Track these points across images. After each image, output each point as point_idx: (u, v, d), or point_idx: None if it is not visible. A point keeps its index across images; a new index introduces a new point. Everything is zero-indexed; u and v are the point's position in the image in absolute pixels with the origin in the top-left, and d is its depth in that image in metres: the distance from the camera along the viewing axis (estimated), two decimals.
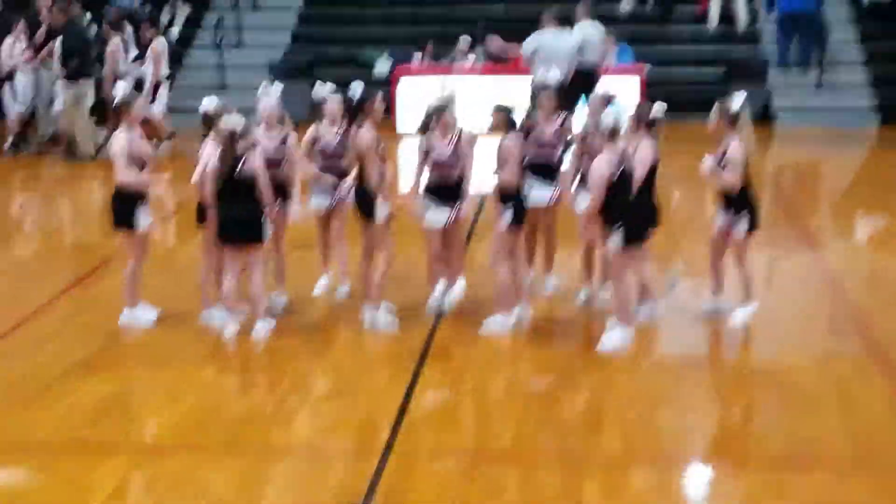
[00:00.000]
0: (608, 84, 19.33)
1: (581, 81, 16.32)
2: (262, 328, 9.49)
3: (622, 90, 19.07)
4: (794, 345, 9.41)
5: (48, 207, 15.78)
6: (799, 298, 10.70)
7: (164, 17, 22.91)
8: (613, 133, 9.02)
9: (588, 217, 9.45)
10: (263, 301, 9.59)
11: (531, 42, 17.08)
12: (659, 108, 9.60)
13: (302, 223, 10.27)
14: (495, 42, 19.69)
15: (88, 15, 20.40)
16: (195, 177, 9.55)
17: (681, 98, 19.59)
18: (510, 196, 9.43)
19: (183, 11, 23.06)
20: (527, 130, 10.00)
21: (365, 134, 9.40)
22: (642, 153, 9.35)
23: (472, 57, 20.35)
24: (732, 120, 9.46)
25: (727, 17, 22.20)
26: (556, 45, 16.85)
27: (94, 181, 16.86)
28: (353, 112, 9.62)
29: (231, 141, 9.18)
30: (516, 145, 9.42)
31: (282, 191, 9.82)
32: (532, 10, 19.10)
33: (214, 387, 8.68)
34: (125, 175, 9.51)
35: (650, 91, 19.63)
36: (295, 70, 20.62)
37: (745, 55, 20.91)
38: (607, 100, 9.99)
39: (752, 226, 9.63)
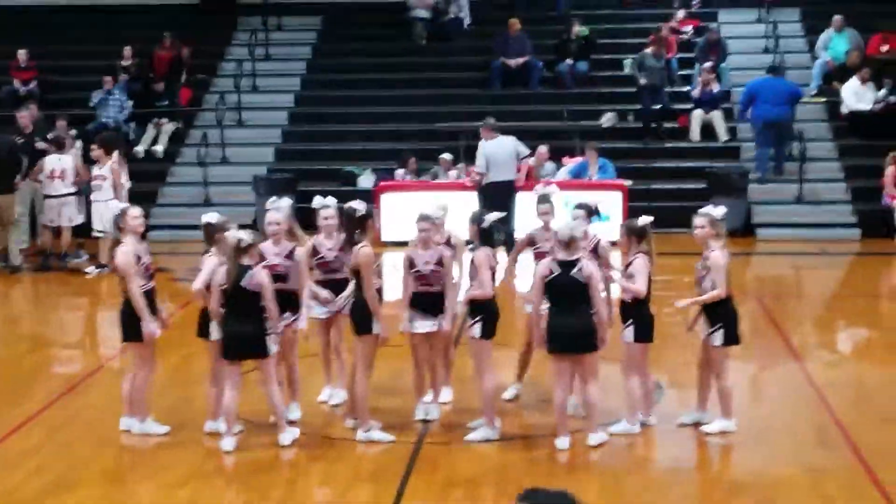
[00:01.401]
0: (592, 197, 19.68)
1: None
2: (288, 436, 9.51)
3: (606, 204, 19.51)
4: (783, 458, 9.34)
5: (25, 321, 15.71)
6: (785, 410, 10.66)
7: (149, 134, 23.05)
8: (569, 243, 9.17)
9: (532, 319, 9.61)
10: (283, 410, 9.61)
11: (480, 154, 18.32)
12: (646, 219, 9.68)
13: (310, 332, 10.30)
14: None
15: (73, 131, 20.56)
16: (197, 283, 9.53)
17: (663, 212, 19.79)
18: (481, 307, 9.46)
19: (168, 128, 23.21)
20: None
21: (365, 250, 9.43)
22: (638, 265, 9.46)
23: (453, 174, 20.51)
24: (717, 228, 9.56)
25: (708, 131, 22.43)
26: (501, 152, 18.17)
27: (63, 297, 16.86)
28: (352, 227, 9.64)
29: (237, 254, 9.18)
30: (487, 257, 9.48)
31: (291, 303, 9.84)
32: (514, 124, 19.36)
33: (198, 503, 8.54)
34: (134, 286, 9.52)
35: (633, 206, 19.85)
36: (279, 185, 20.70)
37: (726, 169, 21.10)
38: (591, 209, 10.10)
39: (730, 340, 9.62)
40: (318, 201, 10.30)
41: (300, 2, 27.13)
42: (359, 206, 9.66)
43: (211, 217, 9.75)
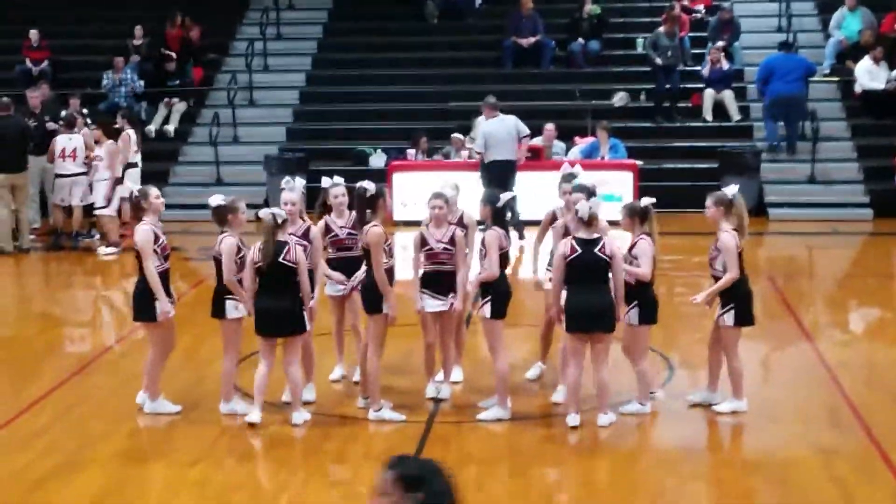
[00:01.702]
0: (601, 178, 19.66)
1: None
2: (300, 417, 9.55)
3: (616, 185, 19.51)
4: (794, 438, 9.33)
5: (36, 301, 15.75)
6: (797, 391, 10.64)
7: (161, 114, 23.06)
8: (590, 222, 9.20)
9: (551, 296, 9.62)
10: (301, 391, 9.65)
11: (479, 133, 18.19)
12: (647, 200, 9.66)
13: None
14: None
15: (85, 111, 20.56)
16: (227, 274, 9.52)
17: (674, 192, 19.76)
18: (491, 287, 9.47)
19: (179, 108, 23.21)
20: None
21: (374, 230, 9.43)
22: (644, 247, 9.46)
23: (464, 153, 20.46)
24: (727, 208, 9.54)
25: (720, 110, 22.36)
26: (501, 130, 17.89)
27: (77, 276, 16.92)
28: (363, 207, 9.63)
29: (274, 230, 9.23)
30: (498, 238, 9.47)
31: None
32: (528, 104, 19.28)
33: (208, 483, 8.55)
34: (152, 265, 9.56)
35: (644, 185, 19.79)
36: (290, 164, 20.71)
37: (738, 149, 21.02)
38: (590, 191, 10.09)
39: (743, 320, 9.61)
40: (326, 181, 10.31)
41: None
42: (369, 185, 9.64)
43: (219, 199, 9.75)
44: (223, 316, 9.67)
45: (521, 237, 16.92)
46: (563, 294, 9.36)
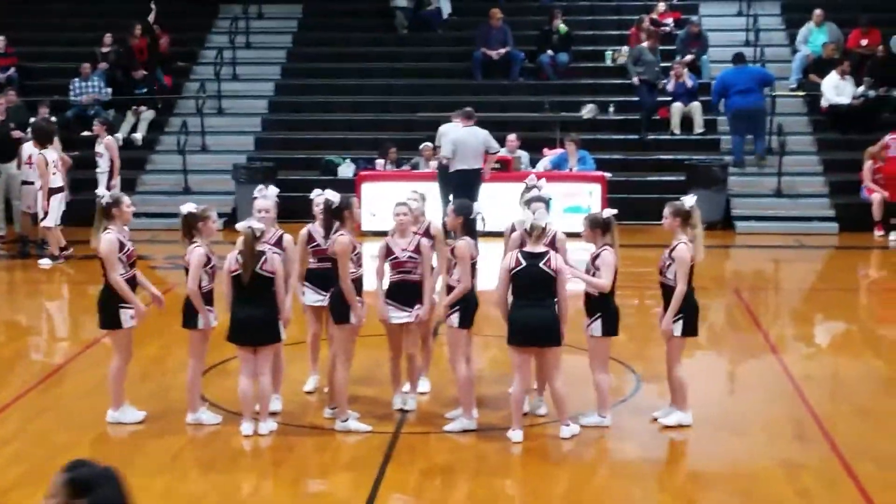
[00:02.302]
0: (570, 191, 19.75)
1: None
2: (267, 427, 9.55)
3: (584, 196, 19.58)
4: (759, 451, 9.37)
5: (1, 309, 15.65)
6: (762, 404, 10.69)
7: (128, 122, 22.97)
8: (538, 235, 9.24)
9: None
10: (269, 401, 9.65)
11: (447, 140, 18.05)
12: (609, 212, 9.70)
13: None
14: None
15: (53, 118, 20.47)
16: (191, 283, 9.51)
17: (642, 204, 19.83)
18: (461, 298, 9.48)
19: (146, 116, 23.13)
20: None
21: (340, 239, 9.42)
22: (607, 258, 9.48)
23: (433, 163, 20.46)
24: (685, 219, 9.58)
25: (687, 123, 22.47)
26: (471, 140, 17.81)
27: (41, 284, 16.83)
28: (329, 217, 9.62)
29: (253, 241, 9.27)
30: (469, 248, 9.48)
31: None
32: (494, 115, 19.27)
33: (174, 493, 8.52)
34: (116, 275, 9.53)
35: (612, 197, 19.86)
36: (259, 173, 20.68)
37: (705, 161, 21.13)
38: (546, 202, 10.15)
39: (690, 331, 9.65)
40: (315, 192, 10.29)
41: None
42: (333, 196, 9.61)
43: (190, 207, 9.73)
44: (195, 326, 9.64)
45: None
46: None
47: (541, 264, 9.18)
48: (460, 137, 17.96)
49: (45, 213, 17.38)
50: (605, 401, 9.77)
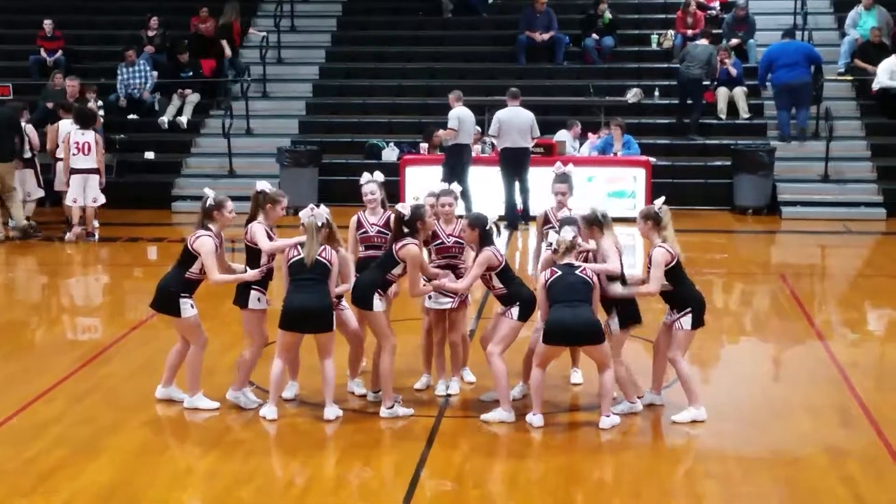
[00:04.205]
0: (615, 175, 19.73)
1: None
2: (332, 413, 9.53)
3: (629, 181, 19.54)
4: (803, 437, 9.32)
5: (50, 291, 15.79)
6: (808, 390, 10.61)
7: (174, 105, 23.07)
8: (559, 250, 9.30)
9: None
10: (332, 387, 9.61)
11: (454, 117, 18.65)
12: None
13: None
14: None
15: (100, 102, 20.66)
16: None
17: (687, 189, 19.74)
18: (511, 298, 9.54)
19: (192, 99, 23.22)
20: None
21: (411, 248, 9.43)
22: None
23: (477, 147, 20.44)
24: (656, 222, 9.48)
25: (733, 108, 22.30)
26: (515, 120, 18.28)
27: (89, 266, 16.97)
28: (401, 227, 9.53)
29: (318, 231, 9.33)
30: (489, 257, 9.49)
31: None
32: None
33: (219, 474, 8.56)
34: (217, 276, 9.59)
35: (656, 182, 19.78)
36: (303, 157, 20.74)
37: (752, 146, 20.96)
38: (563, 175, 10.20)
39: (699, 323, 9.58)
40: (364, 177, 10.29)
41: None
42: (404, 209, 9.56)
43: (264, 185, 9.78)
44: (246, 306, 9.67)
45: None
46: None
47: (577, 272, 9.23)
48: (506, 116, 18.08)
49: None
50: (629, 388, 9.72)
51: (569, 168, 10.71)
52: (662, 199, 9.73)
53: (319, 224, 9.38)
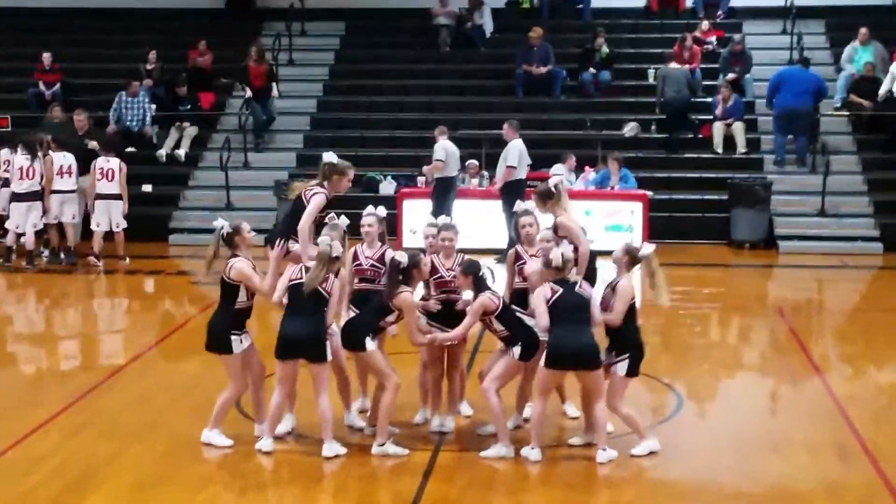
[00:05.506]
0: (612, 209, 19.76)
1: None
2: (331, 449, 9.42)
3: (626, 215, 19.56)
4: (801, 471, 9.29)
5: (49, 320, 15.76)
6: (805, 424, 10.59)
7: (172, 138, 23.11)
8: (563, 268, 9.28)
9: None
10: (331, 422, 9.49)
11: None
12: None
13: None
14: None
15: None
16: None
17: (684, 222, 19.78)
18: (513, 339, 9.49)
19: (190, 132, 23.27)
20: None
21: (405, 296, 9.43)
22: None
23: (475, 181, 20.48)
24: (632, 261, 9.46)
25: (730, 142, 22.36)
26: (525, 151, 18.54)
27: (82, 298, 16.94)
28: (396, 275, 9.52)
29: (330, 261, 9.29)
30: (485, 302, 9.46)
31: None
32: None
33: None
34: (258, 282, 9.51)
35: (653, 216, 19.82)
36: None
37: (749, 180, 21.00)
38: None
39: (634, 372, 9.50)
40: (367, 210, 10.29)
41: (324, 7, 27.18)
42: (402, 257, 9.56)
43: (331, 156, 10.36)
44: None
45: None
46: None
47: (576, 290, 9.24)
48: (521, 146, 18.46)
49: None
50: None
51: (529, 204, 10.50)
52: (651, 247, 9.65)
53: (334, 255, 9.32)
